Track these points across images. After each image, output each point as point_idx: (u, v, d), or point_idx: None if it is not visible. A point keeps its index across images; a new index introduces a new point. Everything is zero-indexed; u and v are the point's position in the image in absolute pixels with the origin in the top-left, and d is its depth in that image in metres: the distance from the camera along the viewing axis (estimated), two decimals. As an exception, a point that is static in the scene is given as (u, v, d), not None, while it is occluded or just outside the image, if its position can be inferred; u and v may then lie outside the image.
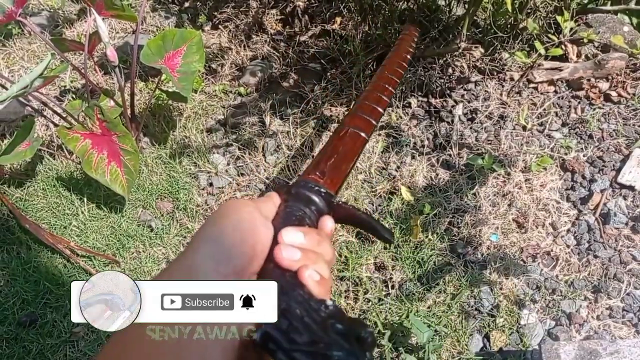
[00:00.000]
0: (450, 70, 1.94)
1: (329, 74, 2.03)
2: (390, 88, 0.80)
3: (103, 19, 1.54)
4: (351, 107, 1.72)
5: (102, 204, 1.70)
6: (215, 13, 2.26)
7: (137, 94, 1.98)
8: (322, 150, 0.61)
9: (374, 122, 0.68)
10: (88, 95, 1.67)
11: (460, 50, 1.87)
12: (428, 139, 1.79)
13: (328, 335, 0.36)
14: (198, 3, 2.33)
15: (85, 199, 1.71)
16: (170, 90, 1.80)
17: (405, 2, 2.07)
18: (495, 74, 1.93)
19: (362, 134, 0.64)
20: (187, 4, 2.35)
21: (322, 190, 0.52)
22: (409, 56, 1.04)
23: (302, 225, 0.48)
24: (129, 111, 1.71)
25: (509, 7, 1.68)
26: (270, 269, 0.42)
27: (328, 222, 0.51)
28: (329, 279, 0.44)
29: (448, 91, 1.90)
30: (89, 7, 1.47)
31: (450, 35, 1.95)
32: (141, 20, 2.19)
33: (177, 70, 1.62)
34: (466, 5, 1.86)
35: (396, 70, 0.91)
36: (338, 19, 2.19)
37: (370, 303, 1.42)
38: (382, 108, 0.73)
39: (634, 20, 2.12)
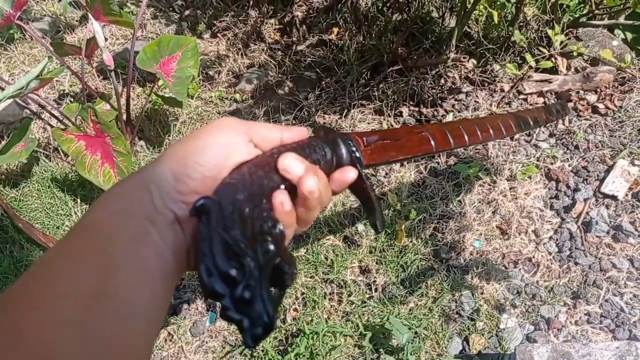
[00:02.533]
0: (442, 80, 1.98)
1: (323, 82, 2.07)
2: (491, 132, 0.74)
3: (103, 25, 1.58)
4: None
5: (96, 205, 1.73)
6: (215, 22, 2.31)
7: (134, 99, 2.03)
8: (385, 129, 0.56)
9: (452, 144, 0.62)
10: (84, 98, 1.71)
11: (449, 61, 1.91)
12: (417, 147, 1.81)
13: (255, 246, 0.34)
14: (198, 11, 2.38)
15: (78, 200, 1.74)
16: (166, 95, 1.84)
17: (400, 14, 2.11)
18: (486, 84, 1.96)
19: (432, 144, 0.58)
20: (187, 12, 2.40)
21: (356, 152, 0.47)
22: (528, 125, 0.97)
23: (309, 160, 0.43)
24: (124, 115, 1.74)
25: (496, 20, 1.71)
26: (249, 170, 0.38)
27: (350, 173, 0.45)
28: (305, 220, 0.41)
29: (439, 101, 1.93)
30: (88, 13, 1.51)
31: (444, 47, 1.98)
32: (141, 27, 2.25)
33: (171, 75, 1.66)
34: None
35: (510, 125, 0.85)
36: (335, 30, 2.24)
37: (353, 305, 1.44)
38: (471, 142, 0.67)
39: (629, 36, 2.15)
